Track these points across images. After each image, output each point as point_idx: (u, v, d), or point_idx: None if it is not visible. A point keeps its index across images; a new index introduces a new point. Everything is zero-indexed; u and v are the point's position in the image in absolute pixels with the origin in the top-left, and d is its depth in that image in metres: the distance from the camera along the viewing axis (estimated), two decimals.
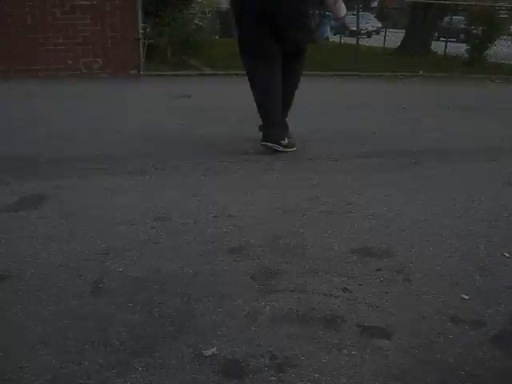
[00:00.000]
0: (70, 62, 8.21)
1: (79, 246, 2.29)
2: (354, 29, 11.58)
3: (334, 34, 16.89)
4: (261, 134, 3.81)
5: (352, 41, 12.70)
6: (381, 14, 26.61)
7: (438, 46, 13.52)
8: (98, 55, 8.31)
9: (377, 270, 2.13)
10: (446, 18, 14.65)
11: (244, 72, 3.86)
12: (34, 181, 3.16)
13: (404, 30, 14.40)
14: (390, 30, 17.59)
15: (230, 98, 6.28)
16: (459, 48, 12.17)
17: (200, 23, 11.99)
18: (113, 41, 8.31)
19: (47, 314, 1.78)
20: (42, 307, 1.83)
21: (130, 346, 1.62)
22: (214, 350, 1.61)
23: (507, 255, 2.30)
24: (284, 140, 3.80)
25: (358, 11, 11.13)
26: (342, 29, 16.21)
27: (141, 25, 8.36)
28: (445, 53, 13.38)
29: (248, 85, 3.78)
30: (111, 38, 8.30)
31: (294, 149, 3.86)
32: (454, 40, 12.99)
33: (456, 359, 1.60)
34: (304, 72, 4.12)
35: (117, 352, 1.59)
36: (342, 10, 3.90)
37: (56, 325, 1.72)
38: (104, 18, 8.19)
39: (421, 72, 9.69)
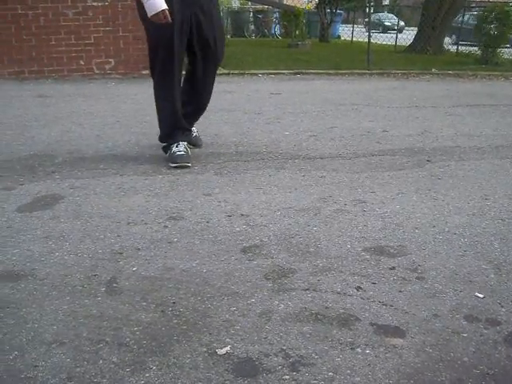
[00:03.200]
0: (82, 63, 8.24)
1: (93, 246, 2.31)
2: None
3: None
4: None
5: (363, 38, 12.69)
6: (392, 12, 26.57)
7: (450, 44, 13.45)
8: (110, 56, 8.33)
9: (390, 269, 2.13)
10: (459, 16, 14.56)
11: (256, 71, 3.86)
12: (47, 181, 3.18)
13: (416, 28, 14.35)
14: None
15: (240, 98, 6.29)
16: (472, 45, 12.12)
17: None
18: (125, 41, 8.33)
19: (62, 314, 1.80)
20: (56, 307, 1.84)
21: (144, 345, 1.63)
22: (228, 348, 1.61)
23: None
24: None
25: (370, 8, 11.06)
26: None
27: None
28: (457, 50, 13.33)
29: (257, 84, 3.78)
30: (123, 38, 8.32)
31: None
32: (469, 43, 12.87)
33: (470, 358, 1.59)
34: (316, 71, 4.10)
35: (131, 351, 1.60)
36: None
37: (70, 324, 1.74)
38: (116, 19, 8.21)
39: (433, 70, 9.65)
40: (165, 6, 3.18)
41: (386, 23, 23.95)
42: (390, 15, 24.78)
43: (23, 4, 7.82)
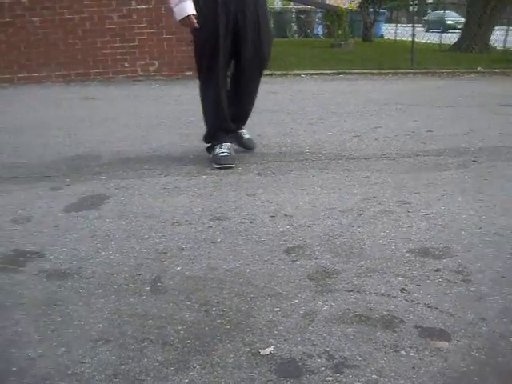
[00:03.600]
0: (126, 65, 8.37)
1: (138, 246, 2.34)
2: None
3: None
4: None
5: (406, 38, 12.54)
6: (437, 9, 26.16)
7: (497, 41, 13.18)
8: (154, 58, 8.43)
9: (435, 271, 2.10)
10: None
11: (299, 71, 3.84)
12: (93, 181, 3.23)
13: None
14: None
15: (283, 98, 6.29)
16: None
17: None
18: (168, 43, 8.42)
19: (107, 312, 1.82)
20: (102, 305, 1.87)
21: (188, 344, 1.64)
22: (271, 349, 1.61)
23: None
24: None
25: (414, 6, 10.92)
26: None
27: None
28: (504, 47, 13.06)
29: (300, 85, 3.76)
30: (167, 40, 8.41)
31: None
32: None
33: None
34: (360, 71, 4.07)
35: (175, 350, 1.62)
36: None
37: (116, 322, 1.76)
38: (160, 21, 8.31)
39: (479, 68, 9.47)
40: (191, 12, 3.25)
41: (448, 21, 23.18)
42: (453, 13, 24.16)
43: (70, 9, 8.00)
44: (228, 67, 3.62)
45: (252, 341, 1.65)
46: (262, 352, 1.60)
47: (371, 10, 18.34)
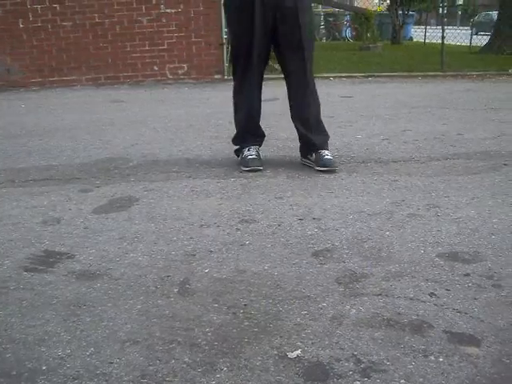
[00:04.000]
0: (156, 69, 8.44)
1: (166, 248, 2.35)
2: None
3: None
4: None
5: (436, 40, 12.44)
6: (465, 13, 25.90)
7: None
8: (183, 61, 8.49)
9: (465, 275, 2.07)
10: None
11: (328, 74, 3.78)
12: (122, 184, 3.26)
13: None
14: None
15: None
16: None
17: None
18: (197, 47, 8.47)
19: (135, 313, 1.84)
20: (130, 306, 1.88)
21: (215, 347, 1.64)
22: (299, 352, 1.61)
23: None
24: None
25: (443, 8, 10.83)
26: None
27: (224, 30, 8.47)
28: None
29: (329, 88, 3.72)
30: (195, 43, 8.47)
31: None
32: None
33: None
34: (388, 73, 4.03)
35: (203, 352, 1.62)
36: None
37: (144, 323, 1.77)
38: (189, 25, 8.36)
39: (510, 70, 9.35)
40: None
41: None
42: None
43: (100, 13, 8.11)
44: (264, 69, 3.59)
45: (279, 344, 1.65)
46: (290, 355, 1.59)
47: (400, 12, 18.23)
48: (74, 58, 8.19)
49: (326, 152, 3.54)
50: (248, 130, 3.64)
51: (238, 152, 3.69)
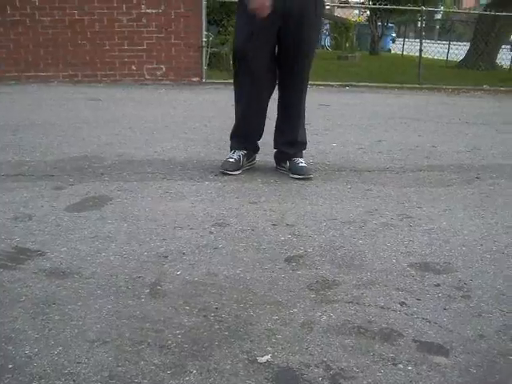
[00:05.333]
0: (134, 68, 8.39)
1: (138, 248, 2.33)
2: None
3: None
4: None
5: (413, 53, 12.57)
6: (444, 27, 26.26)
7: (503, 60, 13.25)
8: (162, 62, 8.46)
9: (435, 286, 2.09)
10: None
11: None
12: (96, 182, 3.24)
13: (469, 43, 14.15)
14: (454, 42, 17.23)
15: None
16: None
17: None
18: (176, 48, 8.45)
19: (105, 313, 1.82)
20: (100, 306, 1.86)
21: (185, 349, 1.64)
22: (269, 357, 1.61)
23: None
24: None
25: (422, 21, 10.95)
26: None
27: (204, 33, 8.47)
28: (511, 67, 13.09)
29: (306, 96, 3.64)
30: (175, 45, 8.44)
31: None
32: None
33: None
34: (366, 84, 4.06)
35: (172, 354, 1.61)
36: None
37: (114, 324, 1.76)
38: (169, 26, 8.34)
39: (485, 86, 9.49)
40: None
41: None
42: None
43: (80, 10, 8.04)
44: (261, 75, 3.39)
45: (250, 348, 1.65)
46: (260, 360, 1.59)
47: (379, 23, 18.39)
48: (52, 54, 8.09)
49: (301, 160, 3.55)
50: (236, 133, 3.61)
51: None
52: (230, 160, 3.53)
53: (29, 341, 1.65)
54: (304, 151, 3.63)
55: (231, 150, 3.60)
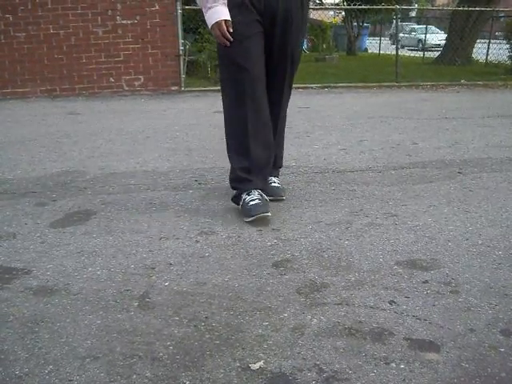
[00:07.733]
0: (112, 80, 8.36)
1: (125, 261, 2.32)
2: None
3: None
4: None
5: (390, 51, 12.67)
6: (419, 23, 26.49)
7: (479, 54, 13.38)
8: (140, 72, 8.44)
9: (423, 282, 2.10)
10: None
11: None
12: (79, 197, 3.22)
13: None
14: None
15: None
16: (502, 55, 12.05)
17: None
18: (154, 58, 8.44)
19: (95, 328, 1.81)
20: (89, 321, 1.85)
21: (177, 360, 1.63)
22: (261, 363, 1.60)
23: None
24: None
25: (397, 20, 11.04)
26: None
27: (181, 41, 8.46)
28: (486, 61, 13.21)
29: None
30: (152, 55, 8.43)
31: None
32: None
33: (508, 373, 1.56)
34: (344, 84, 4.07)
35: (164, 366, 1.60)
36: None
37: (104, 339, 1.74)
38: (145, 36, 8.32)
39: (462, 81, 9.57)
40: (224, 17, 2.67)
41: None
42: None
43: (55, 24, 7.99)
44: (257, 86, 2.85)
45: (242, 356, 1.64)
46: (252, 367, 1.59)
47: (355, 24, 18.50)
48: (29, 70, 8.04)
49: (274, 179, 3.20)
50: (246, 169, 2.90)
51: (236, 199, 2.94)
52: (253, 202, 2.82)
53: (18, 361, 1.63)
54: (284, 156, 3.39)
55: (244, 192, 2.89)
